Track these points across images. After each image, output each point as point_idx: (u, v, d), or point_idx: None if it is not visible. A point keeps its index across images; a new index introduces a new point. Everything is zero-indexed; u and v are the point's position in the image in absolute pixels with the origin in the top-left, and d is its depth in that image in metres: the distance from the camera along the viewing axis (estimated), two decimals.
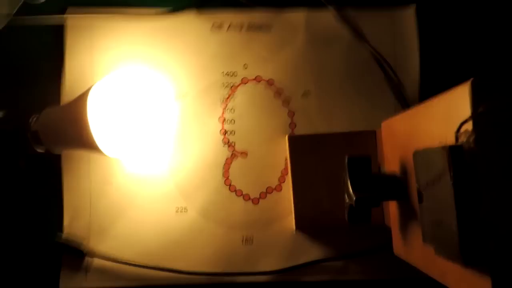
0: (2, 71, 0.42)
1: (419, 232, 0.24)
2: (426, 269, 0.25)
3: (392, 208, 0.33)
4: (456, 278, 0.21)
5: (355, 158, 0.29)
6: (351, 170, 0.29)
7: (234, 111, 0.43)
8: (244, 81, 0.43)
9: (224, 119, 0.43)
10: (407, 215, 0.29)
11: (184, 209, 0.42)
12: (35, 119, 0.38)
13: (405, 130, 0.28)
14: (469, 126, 0.19)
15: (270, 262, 0.41)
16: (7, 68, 0.42)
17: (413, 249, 0.28)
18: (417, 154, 0.23)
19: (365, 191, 0.28)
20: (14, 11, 0.38)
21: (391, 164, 0.32)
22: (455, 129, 0.20)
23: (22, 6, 0.40)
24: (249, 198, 0.42)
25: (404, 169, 0.28)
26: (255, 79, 0.43)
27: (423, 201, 0.23)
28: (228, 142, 0.43)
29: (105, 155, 0.37)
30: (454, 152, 0.19)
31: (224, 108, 0.43)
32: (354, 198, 0.27)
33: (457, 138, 0.19)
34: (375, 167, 0.37)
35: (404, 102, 0.41)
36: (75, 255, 0.40)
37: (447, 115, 0.21)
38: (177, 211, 0.42)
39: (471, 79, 0.19)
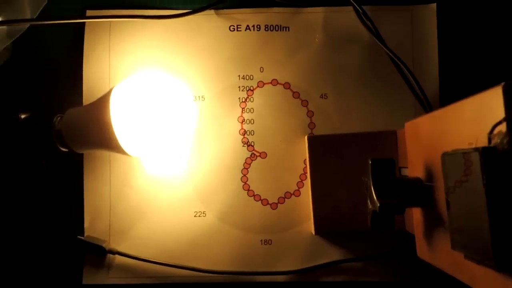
0: (25, 73, 0.43)
1: (446, 237, 0.24)
2: (453, 272, 0.25)
3: (416, 214, 0.32)
4: (486, 282, 0.21)
5: (379, 160, 0.28)
6: (374, 173, 0.28)
7: (253, 111, 0.43)
8: (260, 85, 0.43)
9: (244, 119, 0.43)
10: (432, 221, 0.28)
11: (203, 213, 0.42)
12: (58, 119, 0.38)
13: (432, 131, 0.28)
14: (502, 127, 0.18)
15: (289, 262, 0.41)
16: (29, 70, 0.43)
17: (439, 253, 0.27)
18: (445, 156, 0.22)
19: (389, 197, 0.27)
20: (37, 15, 0.38)
21: (415, 167, 0.31)
22: (486, 131, 0.19)
23: (43, 10, 0.40)
24: (268, 203, 0.42)
25: (429, 173, 0.28)
26: (271, 82, 0.43)
27: (451, 207, 0.22)
28: (248, 142, 0.43)
29: (125, 153, 0.37)
30: (487, 153, 0.18)
31: (243, 108, 0.43)
32: (378, 205, 0.27)
33: (489, 140, 0.19)
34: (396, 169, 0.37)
35: (426, 103, 0.40)
36: (97, 253, 0.41)
37: (478, 117, 0.20)
38: (195, 215, 0.42)
39: (506, 82, 0.18)
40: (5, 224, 0.42)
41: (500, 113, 0.19)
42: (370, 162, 0.28)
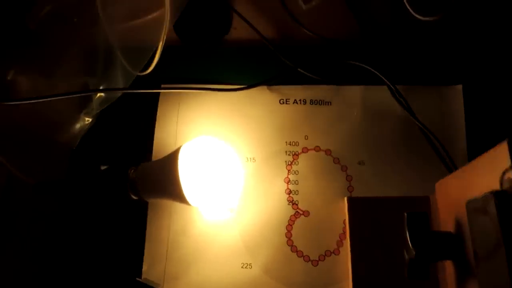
0: (107, 133, 0.51)
1: (475, 285, 0.26)
2: None
3: (448, 268, 0.34)
4: None
5: (414, 213, 0.32)
6: (410, 226, 0.31)
7: (298, 173, 0.48)
8: (304, 151, 0.49)
9: (289, 180, 0.48)
10: (463, 273, 0.30)
11: (249, 265, 0.45)
12: (132, 170, 0.45)
13: (458, 186, 0.31)
14: (510, 174, 0.22)
15: None
16: (111, 130, 0.51)
17: None
18: (469, 203, 0.26)
19: (424, 246, 0.30)
20: (128, 85, 0.47)
21: (446, 223, 0.35)
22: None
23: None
24: (309, 260, 0.45)
25: (458, 225, 0.31)
26: (314, 149, 0.49)
27: (477, 251, 0.25)
28: (292, 201, 0.47)
29: (187, 203, 0.43)
30: (498, 196, 0.22)
31: (289, 170, 0.48)
32: (414, 252, 0.30)
33: (501, 185, 0.23)
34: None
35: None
36: None
37: (494, 168, 0.25)
38: (242, 267, 0.45)
39: (509, 137, 0.23)
40: (74, 261, 0.47)
41: (508, 162, 0.23)
42: (405, 214, 0.32)
